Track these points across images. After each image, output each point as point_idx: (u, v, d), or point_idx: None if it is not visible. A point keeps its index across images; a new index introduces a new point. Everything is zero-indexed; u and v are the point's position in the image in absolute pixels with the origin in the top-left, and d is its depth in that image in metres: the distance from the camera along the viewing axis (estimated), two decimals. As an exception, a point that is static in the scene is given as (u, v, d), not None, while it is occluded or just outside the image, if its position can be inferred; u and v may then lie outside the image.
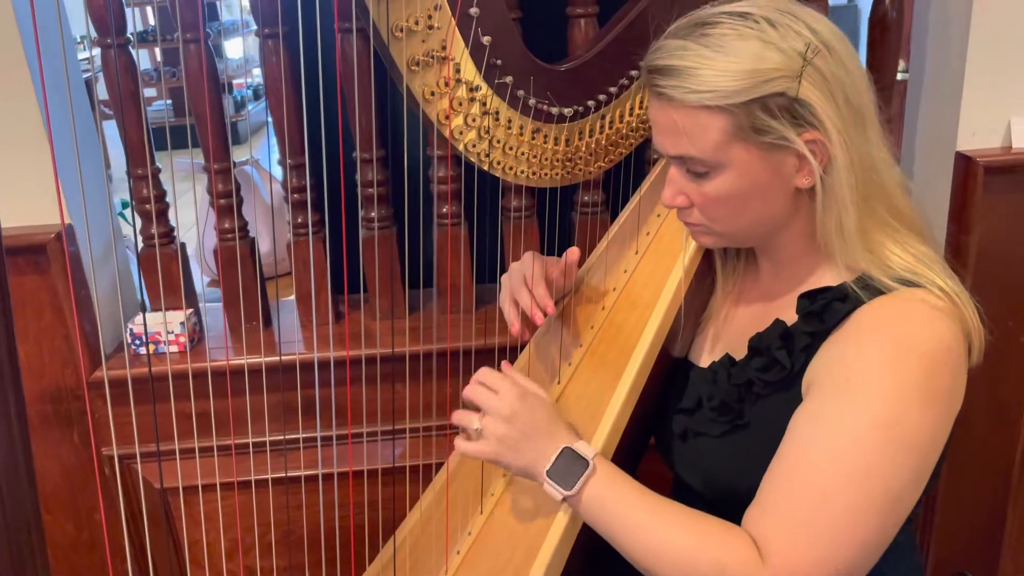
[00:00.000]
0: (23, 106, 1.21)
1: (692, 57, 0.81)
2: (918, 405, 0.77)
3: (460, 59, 0.91)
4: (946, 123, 1.39)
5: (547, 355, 1.09)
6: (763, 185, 0.84)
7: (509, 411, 0.90)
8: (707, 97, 0.80)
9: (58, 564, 1.43)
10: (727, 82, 0.79)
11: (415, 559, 1.04)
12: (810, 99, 0.80)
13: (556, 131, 1.00)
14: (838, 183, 0.82)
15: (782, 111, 0.80)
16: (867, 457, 0.77)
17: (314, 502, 1.35)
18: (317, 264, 1.37)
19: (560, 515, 0.91)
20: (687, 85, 0.80)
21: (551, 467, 0.87)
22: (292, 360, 1.33)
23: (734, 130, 0.81)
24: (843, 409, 0.79)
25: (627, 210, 1.16)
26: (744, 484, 0.85)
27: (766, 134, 0.81)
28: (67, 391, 1.34)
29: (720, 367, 0.94)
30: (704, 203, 0.87)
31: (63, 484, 1.39)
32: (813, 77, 0.80)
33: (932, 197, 1.44)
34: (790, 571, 0.77)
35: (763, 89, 0.79)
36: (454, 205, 1.36)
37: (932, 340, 0.79)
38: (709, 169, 0.84)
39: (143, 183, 1.33)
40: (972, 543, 1.59)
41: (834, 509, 0.77)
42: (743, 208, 0.86)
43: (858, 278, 0.85)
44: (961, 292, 0.84)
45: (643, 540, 0.84)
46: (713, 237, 0.91)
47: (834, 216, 0.84)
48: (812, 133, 0.81)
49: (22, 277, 1.28)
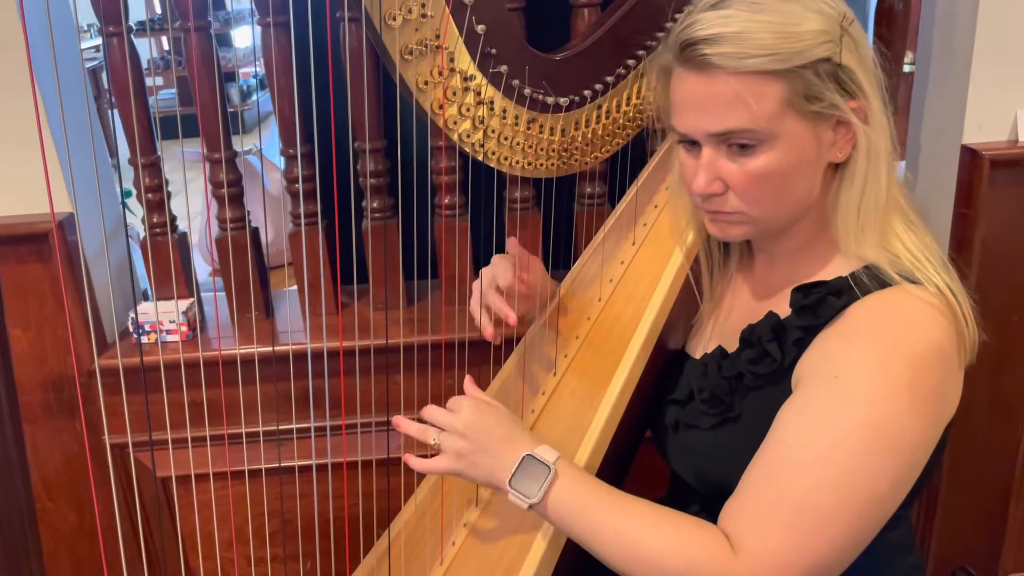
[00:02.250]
0: (24, 95, 1.21)
1: (742, 22, 0.77)
2: (906, 407, 0.76)
3: (454, 48, 0.90)
4: (952, 116, 1.37)
5: (542, 348, 1.09)
6: (807, 159, 0.81)
7: (463, 425, 0.88)
8: (766, 61, 0.76)
9: (60, 551, 1.44)
10: (785, 44, 0.76)
11: (410, 551, 1.04)
12: (851, 65, 0.78)
13: (552, 121, 0.99)
14: (877, 149, 0.81)
15: (829, 77, 0.78)
16: (849, 457, 0.76)
17: (310, 492, 1.35)
18: (317, 254, 1.37)
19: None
20: (742, 50, 0.76)
21: (513, 476, 0.86)
22: (291, 350, 1.33)
23: (790, 97, 0.78)
24: (829, 407, 0.78)
25: (624, 201, 1.16)
26: (735, 477, 0.84)
27: (816, 102, 0.78)
28: (69, 379, 1.34)
29: (712, 359, 0.93)
30: (746, 184, 0.82)
31: (65, 471, 1.40)
32: (849, 44, 0.78)
33: (937, 190, 1.42)
34: (762, 565, 0.77)
35: (814, 53, 0.77)
36: (454, 196, 1.36)
37: (923, 340, 0.78)
38: (758, 142, 0.79)
39: (143, 173, 1.34)
40: (974, 538, 1.59)
41: (812, 508, 0.76)
42: (785, 187, 0.82)
43: (863, 268, 0.83)
44: (958, 289, 0.82)
45: (613, 541, 0.82)
46: (746, 227, 0.86)
47: (860, 187, 0.82)
48: (856, 101, 0.79)
49: (24, 265, 1.29)
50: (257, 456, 1.39)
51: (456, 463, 0.89)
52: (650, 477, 1.08)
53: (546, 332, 1.10)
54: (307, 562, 1.44)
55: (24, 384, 1.33)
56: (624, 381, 0.96)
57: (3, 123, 1.24)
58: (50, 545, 1.43)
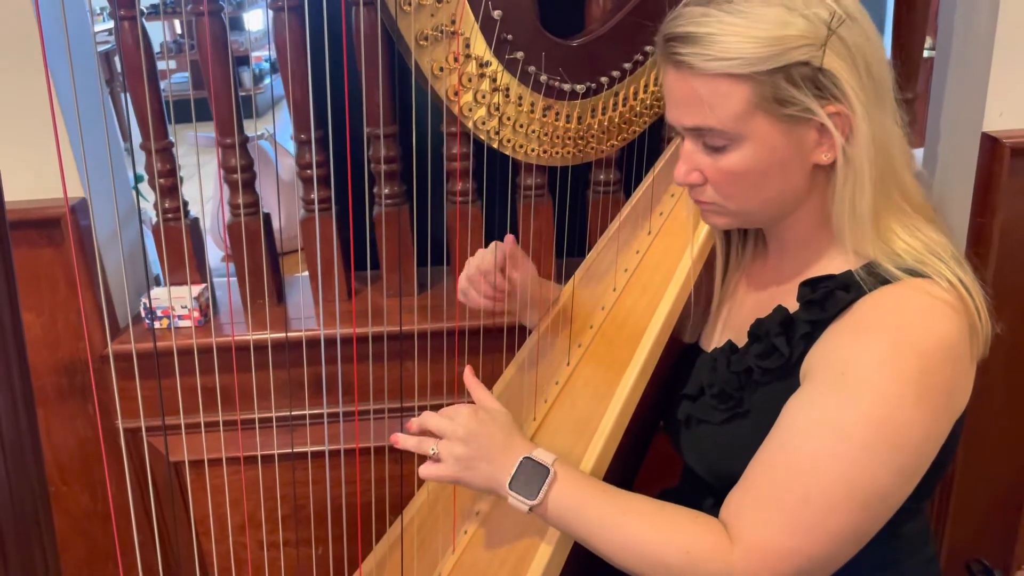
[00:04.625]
0: (37, 79, 1.21)
1: (715, 23, 0.78)
2: (911, 402, 0.75)
3: (470, 34, 0.89)
4: (973, 102, 1.35)
5: (555, 338, 1.08)
6: (782, 160, 0.81)
7: (464, 431, 0.89)
8: (730, 65, 0.77)
9: (74, 534, 1.46)
10: (752, 48, 0.76)
11: (422, 539, 1.04)
12: (835, 70, 0.77)
13: (568, 108, 0.98)
14: (858, 159, 0.80)
15: (806, 81, 0.77)
16: (853, 452, 0.75)
17: (322, 478, 1.35)
18: (329, 240, 1.37)
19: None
20: (709, 52, 0.77)
21: (512, 480, 0.86)
22: (303, 337, 1.33)
23: (757, 100, 0.78)
24: (834, 402, 0.77)
25: (640, 190, 1.15)
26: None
27: (789, 105, 0.78)
28: (82, 364, 1.35)
29: (721, 354, 0.92)
30: (720, 179, 0.84)
31: (79, 455, 1.41)
32: (837, 47, 0.77)
33: (956, 179, 1.41)
34: (759, 555, 0.77)
35: (788, 57, 0.76)
36: (467, 182, 1.35)
37: (932, 335, 0.77)
38: (728, 142, 0.81)
39: (155, 158, 1.33)
40: (987, 530, 1.58)
41: (814, 500, 0.75)
42: (760, 185, 0.83)
43: (865, 265, 0.82)
44: (971, 283, 0.81)
45: (613, 539, 0.83)
46: (725, 217, 0.88)
47: (849, 195, 0.81)
48: (836, 106, 0.78)
49: (37, 250, 1.29)
50: (269, 442, 1.39)
51: (457, 470, 0.89)
52: (664, 467, 1.07)
53: (559, 322, 1.09)
54: (319, 547, 1.45)
55: (38, 369, 1.33)
56: (638, 372, 0.96)
57: (16, 108, 1.24)
58: (64, 528, 1.44)
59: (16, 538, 0.64)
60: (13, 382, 0.62)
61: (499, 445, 0.89)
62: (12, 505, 0.63)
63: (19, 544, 0.64)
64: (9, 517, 0.63)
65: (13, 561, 0.63)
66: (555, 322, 1.10)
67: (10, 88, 1.21)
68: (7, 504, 0.62)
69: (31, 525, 0.65)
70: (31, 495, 0.65)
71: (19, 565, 0.63)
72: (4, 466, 0.62)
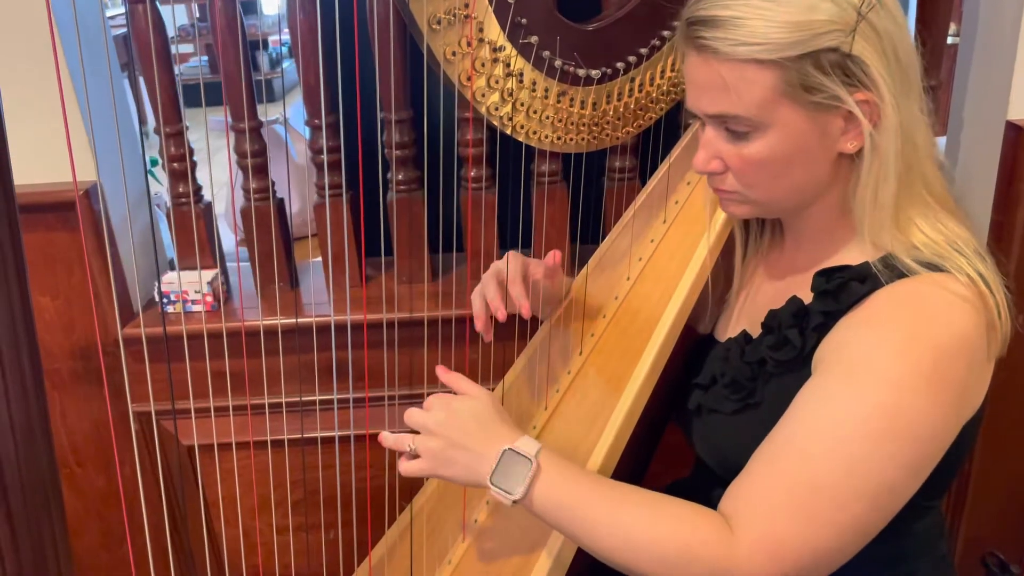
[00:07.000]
0: (47, 62, 1.20)
1: (741, 6, 0.76)
2: (923, 395, 0.74)
3: (483, 17, 0.88)
4: (997, 90, 1.33)
5: (568, 327, 1.08)
6: (807, 148, 0.79)
7: (434, 423, 0.85)
8: (757, 50, 0.75)
9: (88, 516, 1.47)
10: (779, 34, 0.74)
11: (432, 527, 1.03)
12: (864, 56, 0.75)
13: (583, 94, 0.97)
14: (885, 148, 0.78)
15: (834, 68, 0.75)
16: (862, 443, 0.74)
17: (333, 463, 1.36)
18: (342, 226, 1.36)
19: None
20: (735, 36, 0.75)
21: (494, 473, 0.82)
22: (315, 322, 1.33)
23: (783, 87, 0.76)
24: (844, 393, 0.76)
25: (656, 177, 1.13)
26: None
27: (816, 93, 0.76)
28: (96, 347, 1.35)
29: (734, 344, 0.91)
30: (742, 167, 0.82)
31: (93, 438, 1.41)
32: (867, 33, 0.75)
33: (979, 168, 1.38)
34: (766, 546, 0.75)
35: (816, 43, 0.75)
36: (481, 169, 1.33)
37: (947, 329, 0.75)
38: (751, 129, 0.79)
39: (168, 142, 1.33)
40: (1004, 524, 1.56)
41: (823, 491, 0.74)
42: (783, 173, 0.81)
43: (882, 258, 0.81)
44: (992, 279, 0.79)
45: (606, 534, 0.79)
46: (746, 206, 0.87)
47: (872, 185, 0.80)
48: (864, 93, 0.77)
49: (52, 234, 1.29)
50: (280, 427, 1.39)
51: (434, 464, 0.85)
52: (676, 458, 1.07)
53: (571, 312, 1.08)
54: (330, 531, 1.45)
55: (52, 352, 1.34)
56: (651, 362, 0.95)
57: (28, 91, 1.23)
58: (79, 509, 1.45)
59: (27, 521, 0.64)
60: (23, 366, 0.62)
61: (474, 435, 0.84)
62: (23, 489, 0.63)
63: (30, 527, 0.64)
64: (20, 501, 0.63)
65: (24, 544, 0.63)
66: (568, 311, 1.09)
67: (26, 72, 1.21)
68: (17, 488, 0.62)
69: (41, 509, 0.65)
70: (41, 479, 0.65)
71: (30, 548, 0.63)
72: (15, 450, 0.61)
